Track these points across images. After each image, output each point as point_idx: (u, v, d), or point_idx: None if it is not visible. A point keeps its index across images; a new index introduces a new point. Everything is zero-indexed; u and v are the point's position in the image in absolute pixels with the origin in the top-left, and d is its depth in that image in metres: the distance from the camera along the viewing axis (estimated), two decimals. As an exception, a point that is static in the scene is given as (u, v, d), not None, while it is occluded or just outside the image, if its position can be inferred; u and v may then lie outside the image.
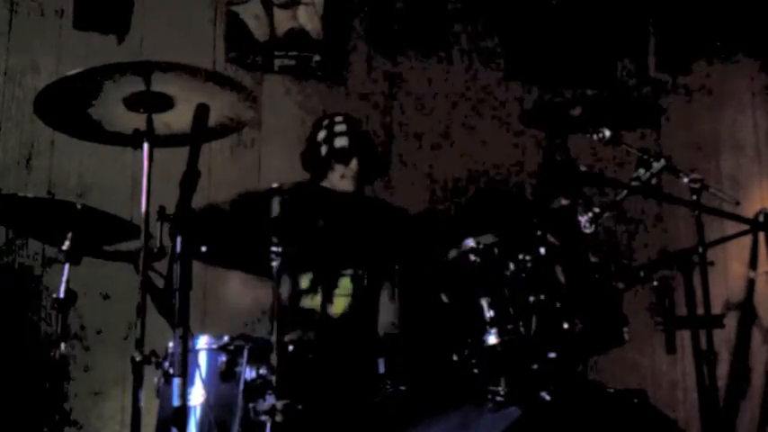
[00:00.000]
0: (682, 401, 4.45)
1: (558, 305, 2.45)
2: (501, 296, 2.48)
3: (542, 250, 2.53)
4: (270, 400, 2.46)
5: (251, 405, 2.51)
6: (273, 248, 2.64)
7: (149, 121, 2.26)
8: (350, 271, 3.24)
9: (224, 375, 2.56)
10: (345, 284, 3.24)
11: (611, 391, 2.59)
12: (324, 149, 3.35)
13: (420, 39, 4.51)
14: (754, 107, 5.11)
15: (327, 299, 3.23)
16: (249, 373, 2.54)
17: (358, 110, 4.27)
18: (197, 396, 2.54)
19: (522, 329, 2.44)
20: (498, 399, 2.49)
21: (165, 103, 2.28)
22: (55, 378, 2.87)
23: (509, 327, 2.45)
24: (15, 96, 3.83)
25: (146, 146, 2.25)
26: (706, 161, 4.84)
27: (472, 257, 2.57)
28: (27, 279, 3.69)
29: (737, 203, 3.07)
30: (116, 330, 3.68)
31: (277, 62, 4.23)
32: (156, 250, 2.37)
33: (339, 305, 3.23)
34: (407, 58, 4.47)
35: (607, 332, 2.55)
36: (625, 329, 2.55)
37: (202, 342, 2.63)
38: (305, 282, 3.24)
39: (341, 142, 3.35)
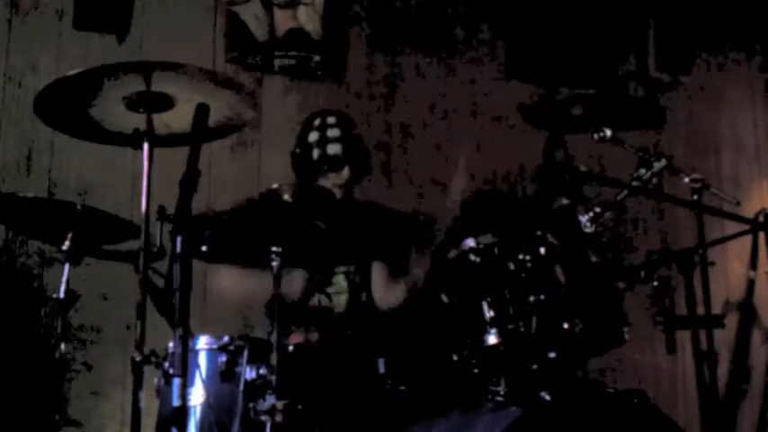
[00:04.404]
0: (682, 401, 4.45)
1: (558, 305, 2.46)
2: (501, 296, 2.48)
3: (542, 250, 2.53)
4: (270, 400, 2.47)
5: (251, 405, 2.51)
6: (273, 248, 2.64)
7: (149, 121, 2.26)
8: (342, 268, 3.24)
9: (224, 375, 2.57)
10: (339, 282, 3.24)
11: (611, 391, 2.59)
12: (316, 153, 3.24)
13: (420, 38, 4.51)
14: (754, 107, 5.11)
15: (325, 296, 3.23)
16: (249, 373, 2.55)
17: (358, 110, 4.27)
18: (197, 396, 2.54)
19: (522, 329, 2.44)
20: (498, 399, 2.50)
21: (165, 103, 2.28)
22: (55, 378, 2.87)
23: (509, 327, 2.45)
24: (15, 96, 3.83)
25: (146, 146, 2.25)
26: (706, 161, 4.84)
27: (472, 257, 2.57)
28: (27, 279, 3.69)
29: (738, 203, 3.06)
30: (116, 330, 3.68)
31: (277, 62, 4.23)
32: (156, 250, 2.37)
33: (338, 302, 3.23)
34: (408, 58, 4.47)
35: (607, 332, 2.55)
36: (625, 329, 2.55)
37: (202, 342, 2.63)
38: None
39: (334, 149, 3.24)
